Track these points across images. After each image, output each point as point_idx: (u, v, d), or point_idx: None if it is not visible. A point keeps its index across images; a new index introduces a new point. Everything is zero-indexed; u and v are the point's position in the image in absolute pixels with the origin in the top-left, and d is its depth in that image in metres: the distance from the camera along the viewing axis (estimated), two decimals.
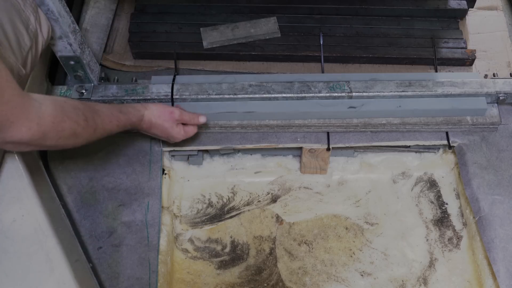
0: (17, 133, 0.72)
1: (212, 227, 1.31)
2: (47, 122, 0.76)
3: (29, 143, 0.76)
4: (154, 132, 1.11)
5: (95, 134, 0.90)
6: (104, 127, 0.93)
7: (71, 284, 0.93)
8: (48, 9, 0.97)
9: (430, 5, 1.47)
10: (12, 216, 0.96)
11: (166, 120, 1.10)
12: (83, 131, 0.85)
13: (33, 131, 0.74)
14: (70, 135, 0.83)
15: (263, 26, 1.42)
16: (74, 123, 0.82)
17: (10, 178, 0.99)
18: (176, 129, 1.12)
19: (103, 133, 0.93)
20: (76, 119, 0.83)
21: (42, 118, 0.75)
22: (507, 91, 1.26)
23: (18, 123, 0.72)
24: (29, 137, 0.74)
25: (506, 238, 1.15)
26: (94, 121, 0.89)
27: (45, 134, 0.77)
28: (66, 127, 0.81)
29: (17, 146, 0.77)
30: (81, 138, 0.86)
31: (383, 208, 1.33)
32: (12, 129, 0.71)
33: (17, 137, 0.73)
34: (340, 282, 1.23)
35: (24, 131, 0.73)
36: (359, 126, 1.27)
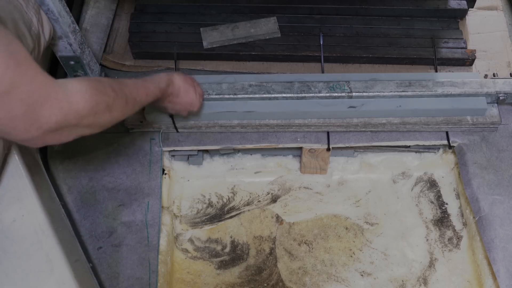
0: (50, 115, 0.69)
1: (212, 227, 1.31)
2: (77, 98, 0.73)
3: (67, 125, 0.72)
4: (180, 98, 1.08)
5: (127, 106, 0.87)
6: (134, 97, 0.89)
7: (71, 284, 0.93)
8: (48, 9, 0.97)
9: (430, 5, 1.47)
10: (12, 216, 0.96)
11: (190, 84, 1.10)
12: (115, 102, 0.81)
13: (65, 109, 0.70)
14: (104, 109, 0.79)
15: (263, 26, 1.42)
16: (104, 95, 0.79)
17: (10, 178, 0.99)
18: (197, 95, 1.12)
19: (135, 103, 0.90)
20: (105, 91, 0.79)
21: (71, 95, 0.72)
22: (507, 91, 1.26)
23: (48, 104, 0.68)
24: (63, 117, 0.70)
25: (506, 238, 1.15)
26: (123, 91, 0.86)
27: (79, 112, 0.73)
28: (98, 100, 0.77)
29: (56, 134, 0.73)
30: (115, 111, 0.82)
31: (383, 208, 1.33)
32: (44, 112, 0.68)
33: (52, 119, 0.69)
34: (340, 282, 1.23)
35: (57, 112, 0.69)
36: (359, 126, 1.27)
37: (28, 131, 0.68)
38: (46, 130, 0.70)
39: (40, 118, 0.68)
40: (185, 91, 1.08)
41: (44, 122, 0.69)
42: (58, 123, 0.70)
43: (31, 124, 0.68)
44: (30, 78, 0.65)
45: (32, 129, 0.68)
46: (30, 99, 0.66)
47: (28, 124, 0.67)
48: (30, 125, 0.68)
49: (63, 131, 0.73)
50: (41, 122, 0.68)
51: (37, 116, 0.67)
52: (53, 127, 0.70)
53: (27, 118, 0.67)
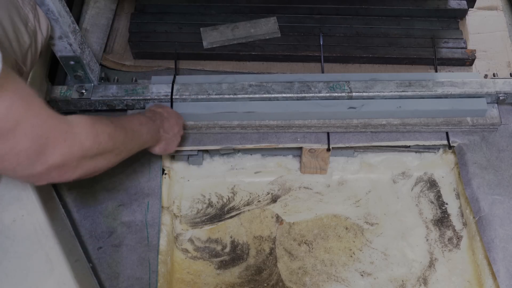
0: (55, 149, 0.69)
1: (212, 227, 1.31)
2: (80, 129, 0.74)
3: (72, 158, 0.72)
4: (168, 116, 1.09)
5: (127, 136, 0.88)
6: (131, 127, 0.91)
7: (71, 284, 0.93)
8: (48, 9, 0.97)
9: (430, 5, 1.47)
10: (12, 216, 0.96)
11: (161, 106, 1.13)
12: (116, 131, 0.83)
13: (70, 142, 0.71)
14: (107, 139, 0.80)
15: (263, 26, 1.42)
16: (104, 125, 0.80)
17: (10, 178, 0.98)
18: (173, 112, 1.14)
19: (134, 134, 0.91)
20: (104, 121, 0.81)
21: (74, 127, 0.73)
22: (507, 91, 1.26)
23: (53, 137, 0.69)
24: (68, 150, 0.71)
25: (506, 238, 1.15)
26: (119, 121, 0.88)
27: (83, 143, 0.74)
28: (100, 130, 0.78)
29: (62, 169, 0.72)
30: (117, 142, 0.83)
31: (383, 208, 1.33)
32: (49, 145, 0.68)
33: (57, 153, 0.69)
34: (340, 282, 1.23)
35: (62, 145, 0.70)
36: (359, 127, 1.27)
37: (33, 166, 0.68)
38: (51, 165, 0.70)
39: (45, 152, 0.68)
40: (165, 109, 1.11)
41: (49, 156, 0.69)
42: (63, 156, 0.70)
43: (36, 159, 0.67)
44: (35, 113, 0.66)
45: (37, 164, 0.68)
46: (35, 134, 0.66)
47: (33, 159, 0.67)
48: (35, 160, 0.67)
49: (68, 166, 0.73)
50: (46, 156, 0.68)
51: (42, 150, 0.67)
52: (58, 161, 0.70)
53: (32, 153, 0.66)
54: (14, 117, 0.62)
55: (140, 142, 0.96)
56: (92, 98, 1.22)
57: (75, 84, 1.24)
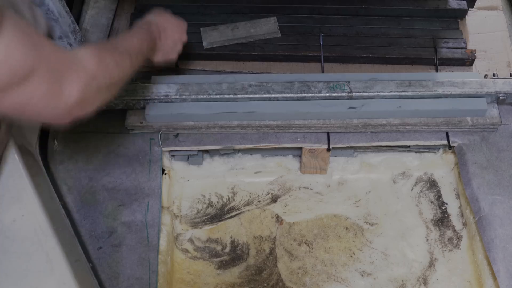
0: (72, 85, 0.70)
1: (212, 227, 1.31)
2: (90, 61, 0.74)
3: (88, 91, 0.73)
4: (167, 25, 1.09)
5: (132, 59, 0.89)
6: (133, 46, 0.92)
7: (71, 284, 0.93)
8: (48, 9, 0.97)
9: (430, 5, 1.47)
10: (12, 216, 0.96)
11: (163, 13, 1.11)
12: (122, 58, 0.84)
13: (83, 76, 0.72)
14: (115, 67, 0.81)
15: (263, 26, 1.42)
16: (111, 54, 0.81)
17: (10, 178, 0.99)
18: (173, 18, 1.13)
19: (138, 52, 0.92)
20: (110, 51, 0.83)
21: (84, 61, 0.74)
22: (507, 91, 1.26)
23: (67, 75, 0.70)
24: (84, 84, 0.72)
25: (506, 238, 1.15)
26: (123, 47, 0.89)
27: (94, 74, 0.75)
28: (106, 57, 0.79)
29: (81, 104, 0.73)
30: (125, 67, 0.85)
31: (383, 208, 1.33)
32: (66, 84, 0.69)
33: (74, 89, 0.70)
34: (340, 282, 1.23)
35: (77, 80, 0.71)
36: (359, 127, 1.27)
37: (56, 107, 0.69)
38: (72, 102, 0.71)
39: (64, 91, 0.69)
40: (164, 18, 1.09)
41: (68, 94, 0.70)
42: (80, 91, 0.71)
43: (57, 100, 0.69)
44: (47, 57, 0.66)
45: (60, 105, 0.69)
46: (51, 76, 0.67)
47: (54, 101, 0.68)
48: (56, 101, 0.69)
49: (86, 100, 0.74)
50: (65, 95, 0.69)
51: (61, 90, 0.68)
52: (77, 97, 0.71)
53: (52, 95, 0.68)
54: (30, 64, 0.63)
55: (143, 58, 0.96)
56: None
57: None
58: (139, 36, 0.98)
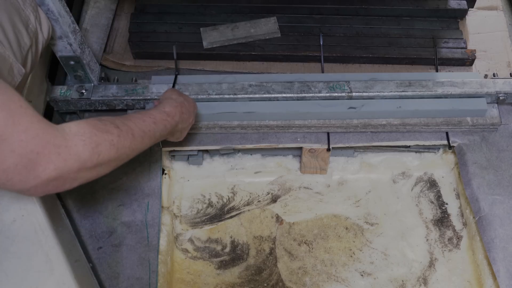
0: (48, 163, 0.65)
1: (212, 227, 1.31)
2: (76, 141, 0.69)
3: (68, 171, 0.68)
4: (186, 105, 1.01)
5: (135, 140, 0.81)
6: (142, 129, 0.84)
7: (71, 284, 0.93)
8: (48, 9, 0.97)
9: (430, 5, 1.47)
10: (12, 216, 0.96)
11: (178, 92, 1.05)
12: (120, 139, 0.77)
13: (64, 155, 0.67)
14: (109, 148, 0.74)
15: (263, 26, 1.42)
16: (105, 134, 0.74)
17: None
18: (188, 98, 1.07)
19: (144, 136, 0.84)
20: (106, 129, 0.75)
21: (69, 139, 0.68)
22: (507, 91, 1.26)
23: (45, 152, 0.64)
24: (63, 163, 0.67)
25: (506, 238, 1.15)
26: (127, 125, 0.81)
27: (79, 155, 0.69)
28: (99, 140, 0.72)
29: (59, 182, 0.68)
30: (122, 148, 0.77)
31: (383, 208, 1.33)
32: (41, 160, 0.64)
33: (50, 167, 0.65)
34: (340, 282, 1.23)
35: (55, 159, 0.66)
36: (359, 127, 1.27)
37: (24, 182, 0.65)
38: (46, 179, 0.66)
39: (36, 168, 0.64)
40: (185, 99, 1.04)
41: (42, 171, 0.65)
42: (57, 170, 0.66)
43: (27, 175, 0.64)
44: (24, 128, 0.62)
45: (29, 180, 0.65)
46: (24, 150, 0.62)
47: (23, 175, 0.64)
48: (26, 175, 0.64)
49: (66, 178, 0.69)
50: (38, 171, 0.65)
51: (33, 166, 0.64)
52: (52, 175, 0.66)
53: (22, 169, 0.63)
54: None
55: (153, 141, 0.89)
56: (92, 98, 1.22)
57: (75, 84, 1.24)
58: (155, 117, 0.91)
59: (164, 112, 0.94)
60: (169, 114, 0.95)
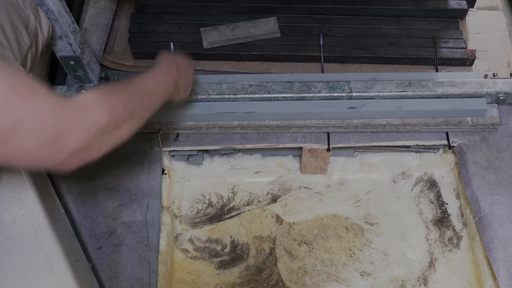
0: (71, 135, 0.65)
1: (212, 227, 1.31)
2: (93, 108, 0.69)
3: (91, 139, 0.69)
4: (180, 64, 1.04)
5: (143, 101, 0.83)
6: (146, 88, 0.86)
7: (71, 284, 0.93)
8: (48, 9, 0.97)
9: (430, 5, 1.47)
10: (12, 216, 0.96)
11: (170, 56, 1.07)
12: (130, 100, 0.79)
13: (85, 124, 0.67)
14: (123, 111, 0.75)
15: (263, 26, 1.42)
16: (116, 98, 0.75)
17: (10, 179, 0.99)
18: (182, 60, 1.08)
19: (151, 96, 0.87)
20: (116, 93, 0.77)
21: (86, 108, 0.68)
22: (507, 91, 1.26)
23: (65, 125, 0.65)
24: (86, 133, 0.67)
25: (506, 238, 1.15)
26: (131, 88, 0.83)
27: (99, 121, 0.70)
28: (113, 103, 0.73)
29: (86, 152, 0.69)
30: (135, 110, 0.80)
31: (383, 208, 1.33)
32: (64, 134, 0.64)
33: (74, 139, 0.66)
34: (340, 282, 1.23)
35: (77, 130, 0.66)
36: (359, 127, 1.27)
37: (51, 158, 0.65)
38: (71, 152, 0.67)
39: (59, 142, 0.65)
40: (176, 58, 1.05)
41: (66, 144, 0.66)
42: (81, 140, 0.67)
43: (52, 151, 0.65)
44: (38, 107, 0.62)
45: (56, 155, 0.65)
46: (43, 128, 0.62)
47: (48, 152, 0.64)
48: (51, 152, 0.65)
49: (91, 146, 0.70)
50: (62, 145, 0.65)
51: (56, 141, 0.64)
52: (77, 146, 0.67)
53: (45, 147, 0.64)
54: (12, 117, 0.59)
55: (160, 99, 0.92)
56: None
57: (75, 84, 1.24)
58: (155, 76, 0.94)
59: (160, 71, 0.97)
60: (166, 71, 0.98)
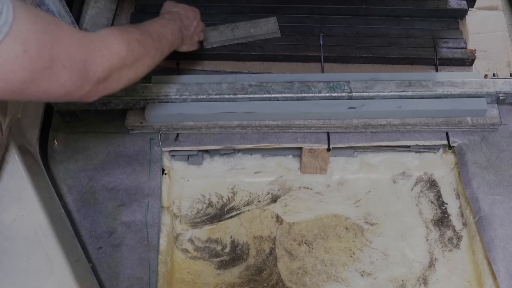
0: (96, 66, 0.72)
1: (212, 227, 1.31)
2: (113, 41, 0.76)
3: (113, 69, 0.75)
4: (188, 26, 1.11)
5: (154, 40, 0.90)
6: (155, 30, 0.93)
7: (71, 284, 0.94)
8: (48, 9, 0.97)
9: (430, 5, 1.47)
10: (12, 216, 0.96)
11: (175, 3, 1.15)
12: (143, 37, 0.85)
13: (107, 55, 0.74)
14: (138, 46, 0.82)
15: (263, 26, 1.42)
16: (130, 33, 0.82)
17: (10, 178, 0.99)
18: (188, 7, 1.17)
19: (160, 37, 0.93)
20: (129, 30, 0.83)
21: (107, 41, 0.75)
22: (507, 91, 1.26)
23: (90, 57, 0.71)
24: (108, 63, 0.74)
25: (506, 238, 1.15)
26: (142, 29, 0.89)
27: (118, 53, 0.77)
28: (129, 38, 0.80)
29: (107, 82, 0.76)
30: (148, 48, 0.86)
31: (383, 208, 1.33)
32: (89, 66, 0.70)
33: (98, 69, 0.72)
34: (340, 282, 1.23)
35: (100, 60, 0.73)
36: (359, 127, 1.27)
37: (81, 89, 0.71)
38: (96, 81, 0.73)
39: (87, 73, 0.70)
40: (180, 7, 1.13)
41: (92, 75, 0.71)
42: (105, 71, 0.73)
43: (82, 82, 0.70)
44: (67, 44, 0.67)
45: (84, 86, 0.71)
46: (73, 62, 0.68)
47: (78, 83, 0.70)
48: (81, 83, 0.70)
49: (112, 78, 0.76)
50: (89, 75, 0.71)
51: (84, 73, 0.70)
52: (101, 76, 0.73)
53: (76, 79, 0.69)
54: (48, 56, 0.63)
55: (167, 44, 0.97)
56: None
57: None
58: (160, 22, 1.00)
59: (164, 18, 1.04)
60: (170, 19, 1.05)
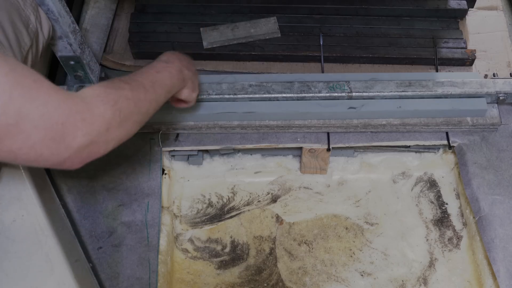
0: (76, 130, 0.64)
1: (212, 227, 1.31)
2: (96, 102, 0.68)
3: (97, 134, 0.68)
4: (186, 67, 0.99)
5: (148, 92, 0.81)
6: (149, 79, 0.84)
7: (71, 284, 0.93)
8: (48, 9, 0.97)
9: (430, 5, 1.47)
10: (12, 216, 0.96)
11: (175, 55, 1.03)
12: (134, 92, 0.77)
13: (89, 119, 0.66)
14: (127, 104, 0.74)
15: (263, 26, 1.42)
16: (119, 90, 0.75)
17: (10, 178, 0.99)
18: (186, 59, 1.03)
19: (155, 87, 0.84)
20: (118, 85, 0.76)
21: (89, 103, 0.67)
22: (507, 91, 1.26)
23: (69, 120, 0.64)
24: (90, 128, 0.66)
25: (506, 238, 1.15)
26: (134, 80, 0.82)
27: (103, 115, 0.69)
28: (116, 96, 0.72)
29: (92, 148, 0.68)
30: (140, 102, 0.78)
31: (383, 208, 1.33)
32: (68, 129, 0.63)
33: (79, 134, 0.65)
34: (340, 282, 1.23)
35: (82, 124, 0.65)
36: (359, 127, 1.27)
37: (57, 154, 0.65)
38: (78, 147, 0.66)
39: (65, 138, 0.64)
40: (175, 53, 1.02)
41: (71, 140, 0.65)
42: (87, 136, 0.66)
43: (57, 147, 0.64)
44: (43, 101, 0.61)
45: (61, 151, 0.65)
46: (47, 123, 0.61)
47: (53, 148, 0.63)
48: (56, 148, 0.64)
49: (98, 142, 0.69)
50: (68, 141, 0.64)
51: (61, 137, 0.63)
52: (83, 141, 0.66)
53: (50, 142, 0.63)
54: (15, 111, 0.58)
55: (165, 90, 0.90)
56: None
57: (75, 84, 1.24)
58: (155, 67, 0.91)
59: (161, 61, 0.95)
60: (167, 61, 0.95)
